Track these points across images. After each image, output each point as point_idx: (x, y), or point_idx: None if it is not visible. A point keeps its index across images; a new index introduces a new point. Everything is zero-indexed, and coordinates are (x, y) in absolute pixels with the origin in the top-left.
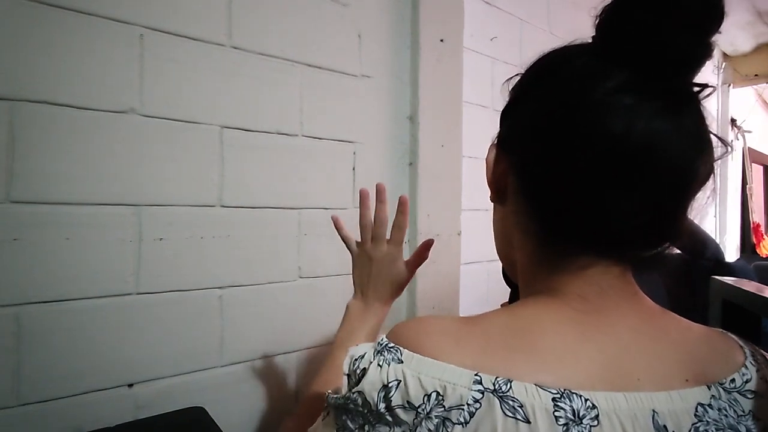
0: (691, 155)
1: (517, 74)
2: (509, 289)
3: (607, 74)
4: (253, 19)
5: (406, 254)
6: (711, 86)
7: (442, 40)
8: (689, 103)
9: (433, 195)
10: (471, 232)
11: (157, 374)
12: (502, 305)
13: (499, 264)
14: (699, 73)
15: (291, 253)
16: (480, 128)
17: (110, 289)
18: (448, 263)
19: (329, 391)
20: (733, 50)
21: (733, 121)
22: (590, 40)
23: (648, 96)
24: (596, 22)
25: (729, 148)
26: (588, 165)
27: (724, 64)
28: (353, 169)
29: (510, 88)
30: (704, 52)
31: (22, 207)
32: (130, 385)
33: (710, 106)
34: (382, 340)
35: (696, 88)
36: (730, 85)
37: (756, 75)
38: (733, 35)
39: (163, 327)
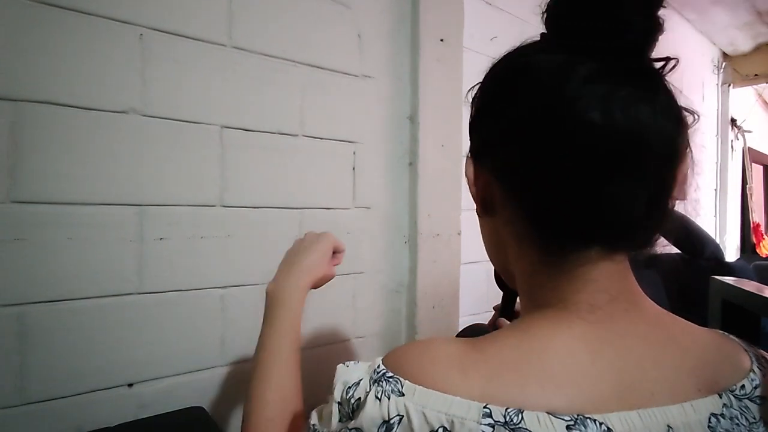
0: (671, 133)
1: (476, 84)
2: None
3: (573, 66)
4: (254, 19)
5: (407, 254)
6: (674, 58)
7: (442, 40)
8: (658, 81)
9: (433, 195)
10: (471, 232)
11: (158, 374)
12: (494, 308)
13: None
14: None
15: None
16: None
17: (112, 288)
18: (448, 263)
19: (314, 421)
20: (733, 50)
21: (733, 121)
22: (539, 38)
23: (618, 82)
24: (544, 17)
25: (696, 116)
26: (575, 159)
27: (724, 64)
28: (353, 169)
29: (472, 99)
30: (656, 28)
31: (23, 207)
32: (131, 385)
33: (710, 106)
34: (378, 367)
35: (659, 63)
36: (730, 85)
37: (756, 75)
38: (733, 35)
39: (164, 327)
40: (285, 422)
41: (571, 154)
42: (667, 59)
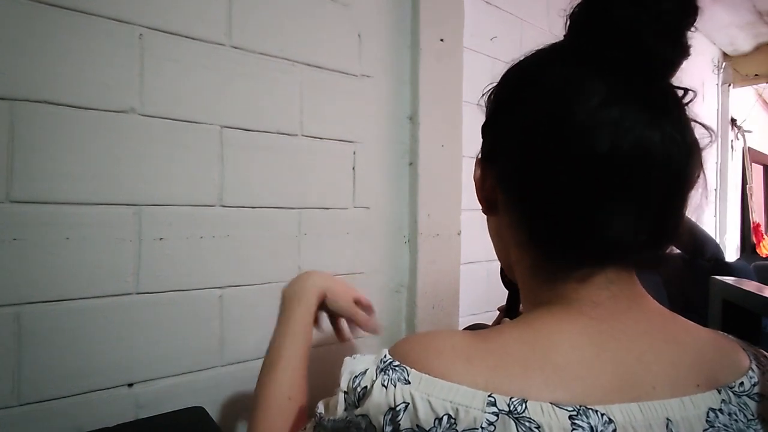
0: (681, 160)
1: (490, 84)
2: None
3: (589, 85)
4: (253, 19)
5: (406, 254)
6: (692, 90)
7: (442, 40)
8: (673, 108)
9: (433, 195)
10: (471, 232)
11: (157, 374)
12: (498, 309)
13: (499, 264)
14: (678, 74)
15: (291, 253)
16: (480, 128)
17: (110, 288)
18: (448, 263)
19: (320, 410)
20: (733, 50)
21: (733, 121)
22: (562, 39)
23: (632, 106)
24: (568, 22)
25: (713, 135)
26: (579, 181)
27: (724, 64)
28: (353, 169)
29: (486, 101)
30: (681, 53)
31: (22, 207)
32: (130, 385)
33: (710, 106)
34: (385, 356)
35: (680, 92)
36: (730, 85)
37: (756, 75)
38: (733, 35)
39: (163, 327)
40: (291, 417)
41: (573, 177)
42: (686, 90)
